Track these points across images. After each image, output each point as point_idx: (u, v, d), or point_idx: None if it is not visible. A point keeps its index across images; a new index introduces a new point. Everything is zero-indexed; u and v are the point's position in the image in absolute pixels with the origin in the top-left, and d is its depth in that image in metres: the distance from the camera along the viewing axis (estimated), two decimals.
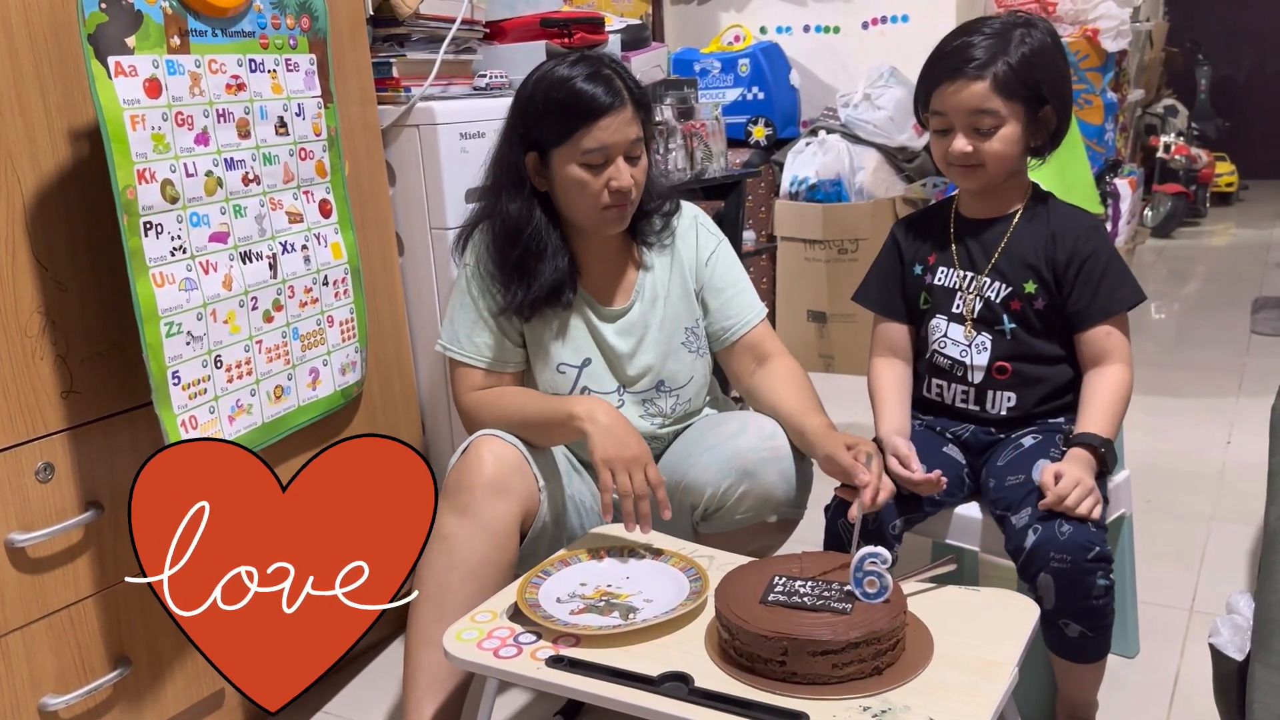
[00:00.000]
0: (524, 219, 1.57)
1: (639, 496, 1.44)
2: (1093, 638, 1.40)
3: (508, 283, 1.59)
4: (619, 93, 1.52)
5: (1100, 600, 1.37)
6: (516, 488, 1.50)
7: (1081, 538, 1.35)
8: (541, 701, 1.77)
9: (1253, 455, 2.55)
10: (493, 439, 1.53)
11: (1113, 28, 3.68)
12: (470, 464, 1.50)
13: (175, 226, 1.41)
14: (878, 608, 1.22)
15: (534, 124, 1.54)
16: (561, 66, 1.54)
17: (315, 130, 1.65)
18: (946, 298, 1.59)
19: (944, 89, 1.49)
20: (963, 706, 1.12)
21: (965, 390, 1.59)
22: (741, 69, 3.79)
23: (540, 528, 1.55)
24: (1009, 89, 1.46)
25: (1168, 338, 3.97)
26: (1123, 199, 3.85)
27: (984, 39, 1.48)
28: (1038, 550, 1.36)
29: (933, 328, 1.60)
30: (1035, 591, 1.38)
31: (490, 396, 1.61)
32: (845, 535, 1.49)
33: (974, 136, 1.49)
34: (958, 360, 1.58)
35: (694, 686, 1.18)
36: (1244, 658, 1.30)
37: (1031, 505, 1.41)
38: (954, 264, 1.59)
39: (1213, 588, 2.01)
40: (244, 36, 1.51)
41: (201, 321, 1.45)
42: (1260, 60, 7.40)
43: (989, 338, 1.56)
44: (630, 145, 1.54)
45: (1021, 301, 1.54)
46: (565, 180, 1.54)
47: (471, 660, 1.28)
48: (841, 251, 3.48)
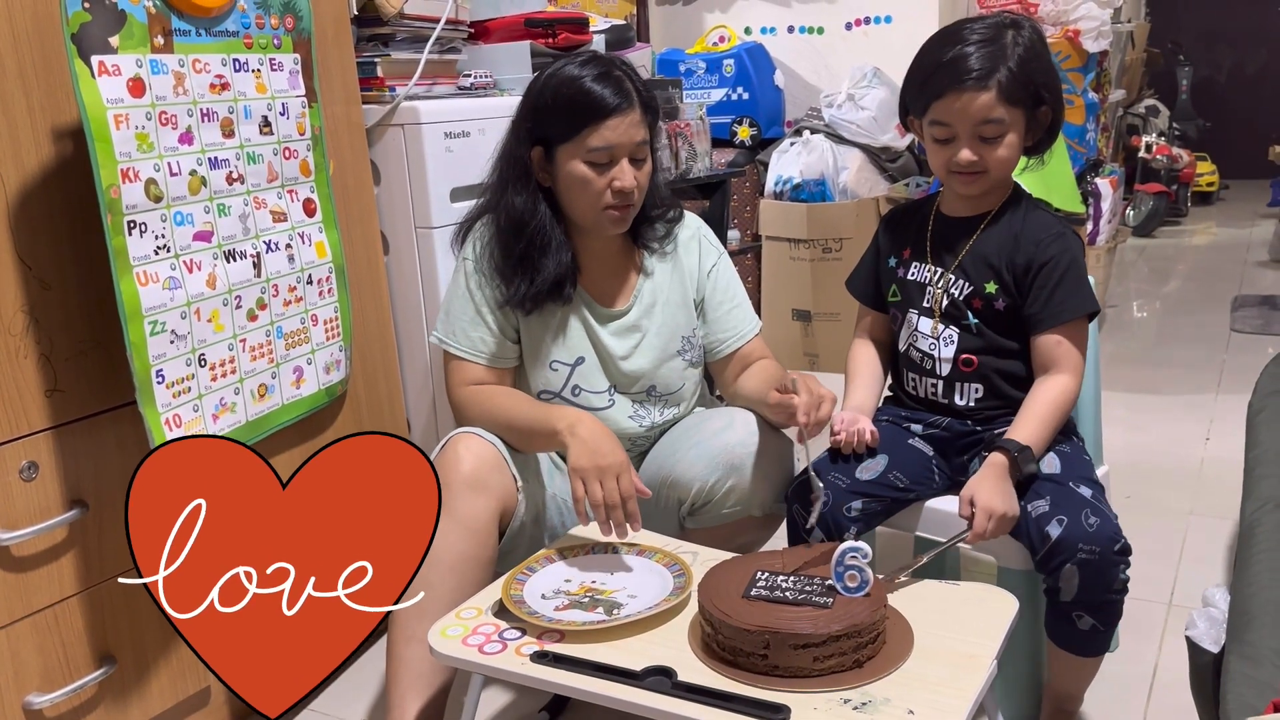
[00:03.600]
0: (529, 212, 1.58)
1: (610, 506, 1.45)
2: (1103, 631, 1.42)
3: (511, 276, 1.59)
4: (628, 94, 1.53)
5: (1118, 594, 1.40)
6: (494, 485, 1.51)
7: (1109, 529, 1.37)
8: (526, 698, 1.78)
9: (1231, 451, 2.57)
10: (471, 436, 1.54)
11: (1094, 28, 3.70)
12: (448, 461, 1.51)
13: (159, 225, 1.41)
14: (858, 601, 1.23)
15: (542, 119, 1.55)
16: (573, 65, 1.55)
17: (299, 130, 1.65)
18: (918, 292, 1.62)
19: (948, 100, 1.49)
20: (942, 699, 1.14)
21: (934, 383, 1.61)
22: (726, 69, 3.81)
23: (519, 525, 1.56)
24: (1013, 96, 1.47)
25: (1148, 335, 4.00)
26: (1104, 198, 3.87)
27: (979, 47, 1.47)
28: (1065, 541, 1.37)
29: (907, 321, 1.63)
30: (1055, 583, 1.39)
31: (482, 395, 1.62)
32: (800, 518, 1.52)
33: (979, 145, 1.50)
34: (927, 353, 1.61)
35: (677, 680, 1.19)
36: (1219, 650, 1.32)
37: (1049, 497, 1.42)
38: (926, 259, 1.62)
39: (1191, 582, 2.03)
40: (228, 36, 1.51)
41: (185, 320, 1.45)
42: (1240, 61, 7.46)
43: (955, 331, 1.58)
44: (635, 147, 1.55)
45: (982, 300, 1.56)
46: (569, 177, 1.55)
47: (457, 656, 1.29)
48: (826, 251, 3.49)
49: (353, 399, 1.89)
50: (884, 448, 1.56)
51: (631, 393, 1.68)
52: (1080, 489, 1.43)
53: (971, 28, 1.51)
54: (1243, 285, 4.49)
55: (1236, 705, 1.11)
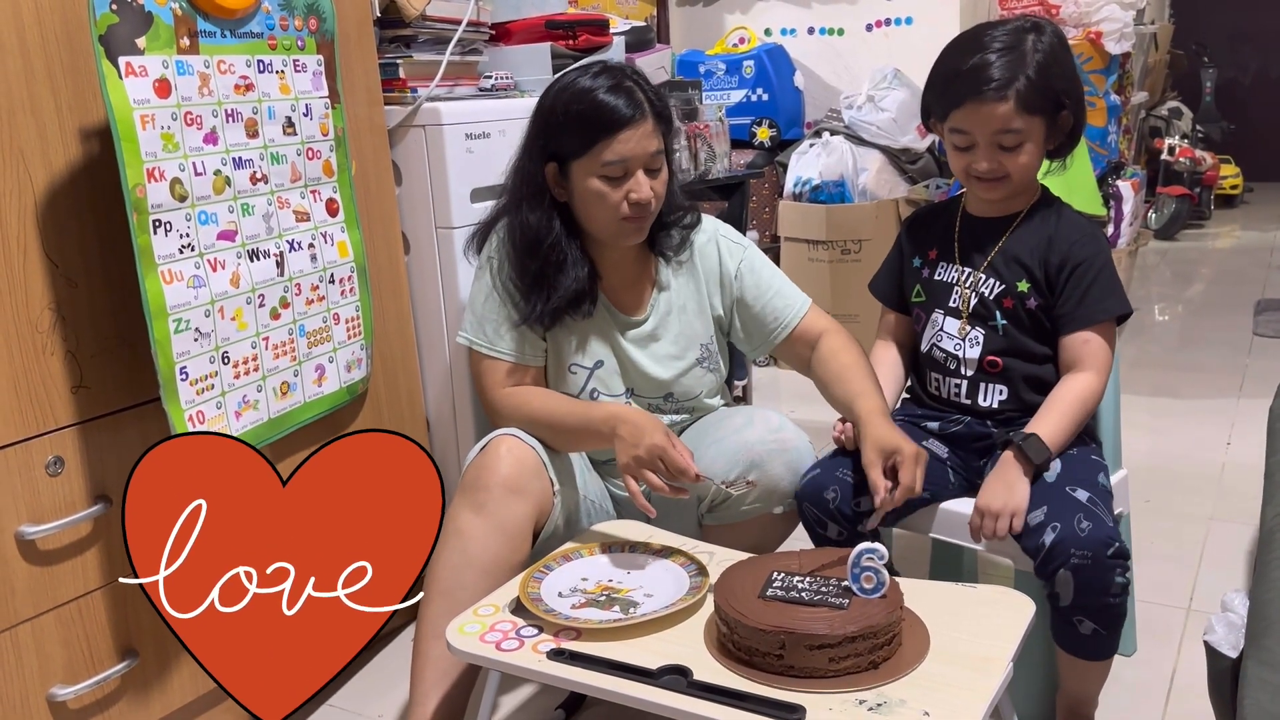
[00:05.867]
0: (544, 230, 1.57)
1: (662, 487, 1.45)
2: (1105, 635, 1.41)
3: (528, 294, 1.60)
4: (640, 105, 1.52)
5: (1117, 598, 1.39)
6: (533, 489, 1.52)
7: (1102, 534, 1.37)
8: (543, 696, 1.79)
9: (1253, 456, 2.56)
10: (512, 439, 1.54)
11: (1116, 30, 3.68)
12: (489, 463, 1.51)
13: (184, 224, 1.43)
14: (874, 603, 1.23)
15: (554, 135, 1.54)
16: (584, 78, 1.54)
17: (322, 130, 1.66)
18: (944, 292, 1.62)
19: (966, 109, 1.49)
20: (958, 700, 1.14)
21: (958, 384, 1.61)
22: (746, 71, 3.81)
23: (553, 530, 1.57)
24: (1031, 104, 1.47)
25: (1170, 339, 3.98)
26: (1125, 201, 3.85)
27: (999, 55, 1.47)
28: (1058, 547, 1.37)
29: (931, 321, 1.63)
30: (1052, 588, 1.39)
31: (519, 397, 1.62)
32: (811, 516, 1.55)
33: (997, 153, 1.50)
34: (951, 354, 1.61)
35: (693, 679, 1.19)
36: (1238, 655, 1.31)
37: (1045, 505, 1.42)
38: (954, 260, 1.62)
39: (1210, 587, 2.02)
40: (252, 37, 1.53)
41: (209, 318, 1.47)
42: (1265, 63, 7.40)
43: (982, 333, 1.58)
44: (650, 158, 1.54)
45: (1014, 299, 1.56)
46: (585, 192, 1.55)
47: (474, 653, 1.30)
48: (845, 252, 3.49)
49: (373, 397, 1.91)
50: None
51: (649, 397, 1.68)
52: (1076, 493, 1.42)
53: (992, 34, 1.51)
54: (1266, 289, 4.45)
55: (1254, 711, 1.10)
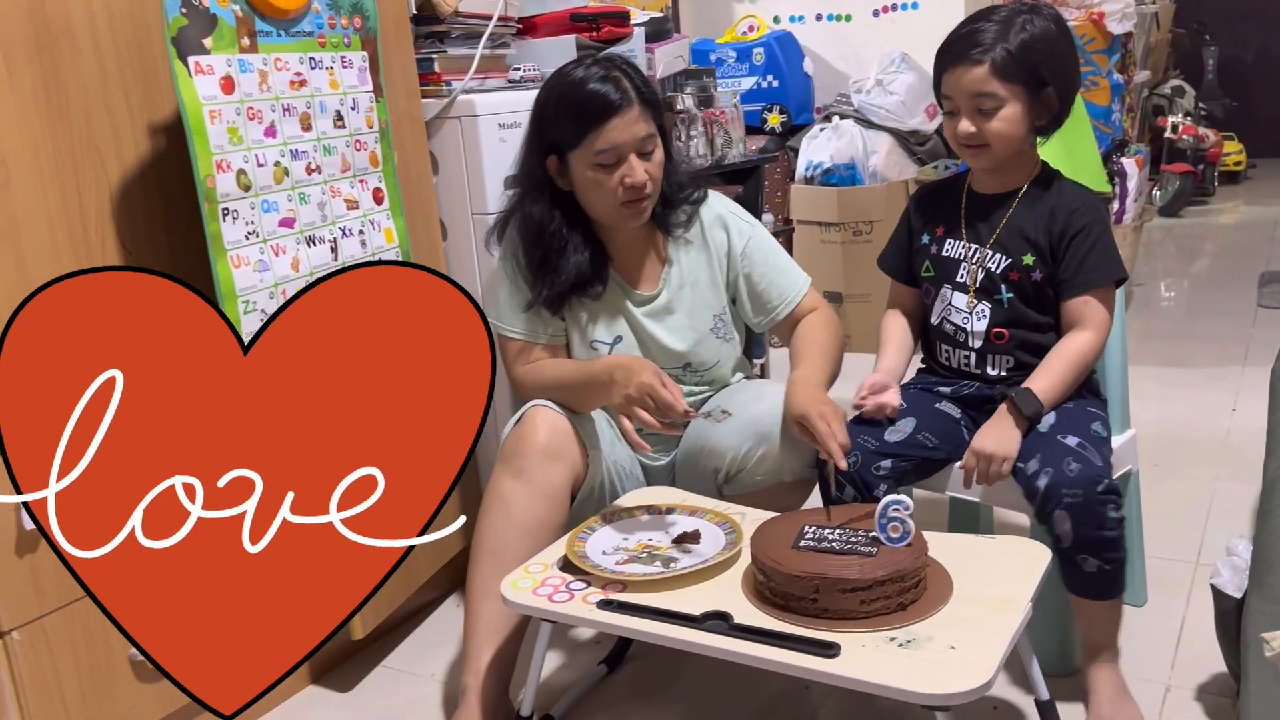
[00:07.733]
0: (545, 220, 1.68)
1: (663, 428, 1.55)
2: (1109, 571, 1.50)
3: (535, 280, 1.70)
4: (625, 92, 1.60)
5: (1113, 532, 1.48)
6: (568, 454, 1.62)
7: (1090, 472, 1.47)
8: (586, 652, 1.89)
9: (1257, 421, 2.63)
10: (545, 409, 1.64)
11: (1118, 10, 3.75)
12: (526, 432, 1.61)
13: (249, 213, 1.53)
14: (901, 550, 1.33)
15: (549, 129, 1.65)
16: (577, 70, 1.64)
17: (368, 123, 1.76)
18: (953, 268, 1.71)
19: (950, 73, 1.62)
20: (981, 637, 1.23)
21: (967, 355, 1.70)
22: (756, 58, 3.89)
23: (588, 491, 1.67)
24: (1007, 72, 1.57)
25: (1177, 312, 4.06)
26: (1130, 177, 3.93)
27: (990, 25, 1.59)
28: (1051, 489, 1.47)
29: (940, 296, 1.72)
30: (1054, 531, 1.48)
31: (534, 370, 1.73)
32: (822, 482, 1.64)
33: (977, 118, 1.60)
34: (960, 326, 1.70)
35: (734, 623, 1.29)
36: (1242, 595, 1.40)
37: (1039, 453, 1.52)
38: (961, 236, 1.71)
39: (1216, 542, 2.10)
40: (304, 36, 1.63)
41: (274, 300, 1.57)
42: (1267, 40, 7.44)
43: (988, 306, 1.67)
44: (640, 142, 1.62)
45: (1020, 273, 1.65)
46: (583, 181, 1.64)
47: (529, 605, 1.40)
48: (856, 233, 3.57)
49: None
50: (912, 410, 1.65)
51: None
52: (1066, 440, 1.51)
53: (993, 11, 1.62)
54: (1270, 262, 4.53)
55: (1256, 638, 1.19)
